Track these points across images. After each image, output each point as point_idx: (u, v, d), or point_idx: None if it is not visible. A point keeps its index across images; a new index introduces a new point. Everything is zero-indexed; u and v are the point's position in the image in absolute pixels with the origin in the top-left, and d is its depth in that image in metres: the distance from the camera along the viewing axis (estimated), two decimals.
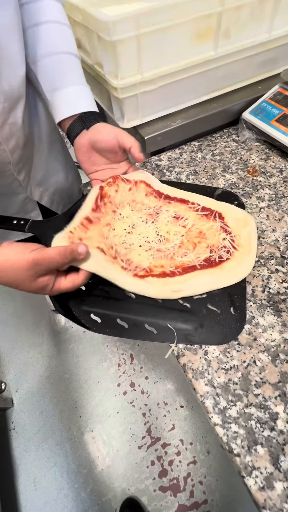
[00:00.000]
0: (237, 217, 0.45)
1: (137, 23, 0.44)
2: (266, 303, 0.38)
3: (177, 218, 0.44)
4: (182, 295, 0.37)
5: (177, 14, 0.46)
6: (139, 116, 0.57)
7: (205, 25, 0.50)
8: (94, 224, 0.44)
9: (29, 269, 0.32)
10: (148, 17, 0.44)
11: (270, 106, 0.59)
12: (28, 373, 1.19)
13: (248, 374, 0.32)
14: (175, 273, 0.38)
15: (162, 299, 0.38)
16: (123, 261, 0.39)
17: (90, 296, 0.40)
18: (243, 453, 0.28)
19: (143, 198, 0.47)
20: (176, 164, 0.58)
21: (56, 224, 0.48)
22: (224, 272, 0.38)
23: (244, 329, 0.36)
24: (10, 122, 0.43)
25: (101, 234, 0.43)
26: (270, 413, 0.30)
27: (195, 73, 0.56)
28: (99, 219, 0.45)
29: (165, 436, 1.01)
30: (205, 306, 0.38)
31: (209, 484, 0.93)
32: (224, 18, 0.50)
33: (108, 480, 0.96)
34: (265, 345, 0.34)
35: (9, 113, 0.42)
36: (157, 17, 0.45)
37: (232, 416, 0.30)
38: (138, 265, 0.39)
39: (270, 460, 0.27)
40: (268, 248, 0.44)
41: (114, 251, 0.40)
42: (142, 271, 0.39)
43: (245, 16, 0.53)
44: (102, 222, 0.44)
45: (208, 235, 0.42)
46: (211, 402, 0.31)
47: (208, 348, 0.35)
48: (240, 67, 0.60)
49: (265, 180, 0.53)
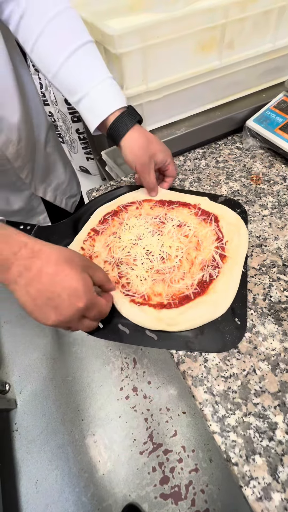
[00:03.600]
0: (230, 222, 0.46)
1: (142, 36, 0.45)
2: (267, 311, 0.38)
3: (180, 226, 0.46)
4: (177, 329, 0.37)
5: (181, 27, 0.48)
6: (144, 125, 0.59)
7: (209, 37, 0.51)
8: (101, 235, 0.47)
9: (82, 260, 0.31)
10: (152, 30, 0.46)
11: (274, 114, 0.59)
12: (32, 375, 1.20)
13: (248, 382, 0.33)
14: (171, 305, 0.38)
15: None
16: (124, 286, 0.40)
17: None
18: (241, 463, 0.28)
19: (149, 211, 0.50)
20: (180, 171, 0.59)
21: (61, 230, 0.49)
22: (217, 296, 0.38)
23: (244, 337, 0.36)
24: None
25: (107, 246, 0.45)
26: (269, 422, 0.30)
27: (200, 83, 0.57)
28: (105, 229, 0.47)
29: (167, 442, 1.01)
30: None
31: (211, 493, 0.91)
32: (228, 29, 0.51)
33: (109, 485, 0.95)
34: (265, 354, 0.34)
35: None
36: (161, 30, 0.46)
37: (230, 424, 0.30)
38: (136, 291, 0.40)
39: (268, 470, 0.27)
40: (270, 256, 0.44)
41: (116, 273, 0.42)
42: (140, 298, 0.39)
43: (249, 27, 0.53)
44: (107, 231, 0.47)
45: (204, 246, 0.44)
46: (210, 410, 0.31)
47: (208, 355, 0.35)
48: (245, 76, 0.61)
49: (269, 188, 0.54)
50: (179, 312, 0.37)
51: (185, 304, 0.38)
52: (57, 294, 0.28)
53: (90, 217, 0.50)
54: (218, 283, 0.39)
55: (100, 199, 0.53)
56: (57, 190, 0.65)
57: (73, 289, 0.28)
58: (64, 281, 0.28)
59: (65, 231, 0.49)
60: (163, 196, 0.51)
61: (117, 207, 0.50)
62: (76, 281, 0.28)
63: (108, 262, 0.43)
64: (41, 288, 0.27)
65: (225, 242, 0.43)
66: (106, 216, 0.49)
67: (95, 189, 0.58)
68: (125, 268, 0.42)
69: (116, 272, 0.42)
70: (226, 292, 0.39)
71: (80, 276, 0.29)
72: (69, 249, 0.32)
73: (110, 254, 0.44)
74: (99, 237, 0.47)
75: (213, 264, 0.41)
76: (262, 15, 0.53)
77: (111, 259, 0.43)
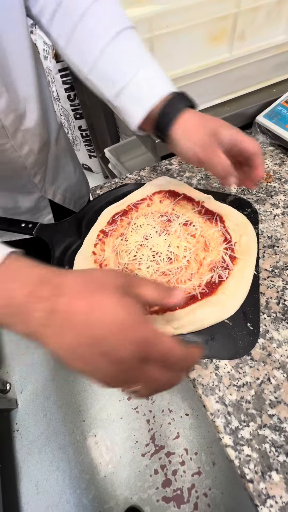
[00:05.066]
0: (236, 222, 0.44)
1: (150, 25, 0.43)
2: (281, 316, 0.36)
3: (186, 224, 0.44)
4: (185, 331, 0.35)
5: (191, 17, 0.45)
6: None
7: (220, 27, 0.49)
8: (109, 237, 0.45)
9: (119, 278, 0.23)
10: (161, 19, 0.44)
11: (286, 109, 0.57)
12: (33, 375, 1.19)
13: (262, 392, 0.31)
14: (177, 307, 0.36)
15: None
16: None
17: None
18: (256, 479, 0.26)
19: (159, 206, 0.48)
20: (187, 169, 0.57)
21: (64, 228, 0.48)
22: (226, 298, 0.36)
23: (257, 343, 0.34)
24: (23, 129, 0.43)
25: (114, 250, 0.43)
26: (286, 436, 0.28)
27: (209, 76, 0.54)
28: (114, 230, 0.46)
29: (170, 444, 0.99)
30: None
31: (214, 497, 0.90)
32: (240, 20, 0.49)
33: (111, 487, 0.94)
34: (280, 362, 0.32)
35: (21, 121, 0.42)
36: (170, 19, 0.44)
37: (244, 437, 0.28)
38: None
39: (286, 488, 0.26)
40: (283, 257, 0.42)
41: None
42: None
43: (262, 18, 0.51)
44: (116, 233, 0.45)
45: (212, 246, 0.42)
46: (222, 421, 0.29)
47: (219, 362, 0.33)
48: (255, 69, 0.59)
49: (280, 186, 0.51)
50: (185, 312, 0.36)
51: (191, 305, 0.36)
52: (101, 337, 0.20)
53: (94, 215, 0.49)
54: (227, 285, 0.38)
55: (105, 196, 0.52)
56: (66, 192, 0.63)
57: (119, 323, 0.20)
58: (104, 316, 0.21)
59: (68, 229, 0.47)
60: (171, 186, 0.50)
61: (127, 206, 0.48)
62: (118, 311, 0.21)
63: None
64: (78, 333, 0.20)
65: (234, 243, 0.42)
66: (115, 217, 0.47)
67: (99, 187, 0.56)
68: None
69: None
70: (235, 293, 0.37)
71: (122, 303, 0.21)
72: (96, 269, 0.25)
73: (117, 261, 0.42)
74: (108, 240, 0.45)
75: (222, 266, 0.39)
76: (275, 5, 0.51)
77: (118, 266, 0.42)
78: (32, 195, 0.56)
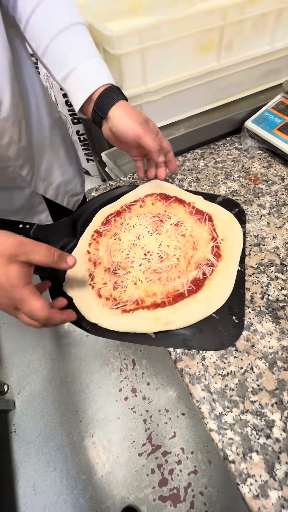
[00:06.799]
0: (224, 220, 0.46)
1: (141, 37, 0.46)
2: (264, 310, 0.38)
3: (177, 225, 0.46)
4: (174, 327, 0.37)
5: (180, 28, 0.48)
6: None
7: (207, 38, 0.52)
8: (103, 237, 0.47)
9: (8, 248, 0.29)
10: (151, 31, 0.46)
11: (273, 115, 0.60)
12: (30, 376, 1.20)
13: (245, 380, 0.33)
14: (165, 303, 0.38)
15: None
16: (115, 299, 0.40)
17: None
18: (238, 460, 0.28)
19: (151, 207, 0.50)
20: (179, 172, 0.59)
21: (60, 229, 0.50)
22: (212, 294, 0.38)
23: (242, 335, 0.36)
24: (0, 118, 0.43)
25: (108, 249, 0.45)
26: (266, 420, 0.30)
27: (198, 84, 0.57)
28: (108, 230, 0.48)
29: (166, 444, 1.00)
30: None
31: (210, 495, 0.91)
32: (227, 31, 0.52)
33: (108, 487, 0.95)
34: (262, 352, 0.34)
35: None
36: (160, 31, 0.47)
37: (228, 422, 0.30)
38: (129, 298, 0.39)
39: (265, 468, 0.27)
40: (268, 255, 0.44)
41: (112, 285, 0.41)
42: (133, 304, 0.39)
43: (248, 29, 0.54)
44: (109, 233, 0.47)
45: (200, 245, 0.44)
46: (207, 407, 0.31)
47: (206, 353, 0.35)
48: (243, 77, 0.61)
49: (267, 188, 0.54)
50: (174, 309, 0.37)
51: (179, 302, 0.38)
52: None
53: (89, 216, 0.51)
54: (212, 281, 0.39)
55: (100, 198, 0.54)
56: (59, 189, 0.65)
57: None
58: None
59: (64, 230, 0.49)
60: (163, 189, 0.52)
61: (121, 207, 0.50)
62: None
63: (108, 271, 0.43)
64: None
65: (220, 241, 0.44)
66: (109, 217, 0.49)
67: (95, 189, 0.58)
68: (122, 273, 0.42)
69: (111, 285, 0.42)
70: (220, 289, 0.39)
71: (3, 271, 0.29)
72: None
73: (110, 259, 0.44)
74: (102, 239, 0.47)
75: (207, 263, 0.41)
76: (260, 17, 0.54)
77: (111, 265, 0.43)
78: (24, 190, 0.57)
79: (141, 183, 0.56)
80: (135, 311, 0.38)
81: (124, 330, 0.37)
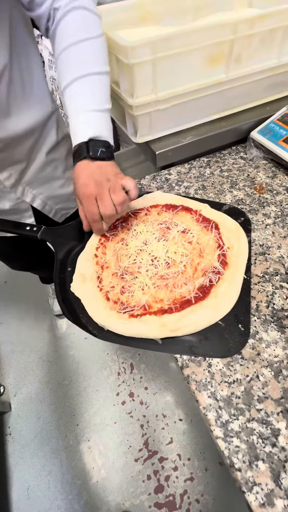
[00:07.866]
0: (230, 229, 0.47)
1: (154, 48, 0.47)
2: (270, 318, 0.39)
3: (185, 232, 0.47)
4: (181, 334, 0.37)
5: (192, 41, 0.49)
6: (152, 132, 0.60)
7: (217, 51, 0.53)
8: (111, 241, 0.48)
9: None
10: (164, 43, 0.47)
11: (278, 126, 0.61)
12: (27, 378, 1.19)
13: (251, 388, 0.33)
14: (172, 310, 0.38)
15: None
16: (123, 304, 0.40)
17: None
18: (244, 468, 0.28)
19: (157, 217, 0.51)
20: (185, 179, 0.60)
21: (67, 232, 0.50)
22: (218, 301, 0.39)
23: (247, 343, 0.36)
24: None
25: (115, 254, 0.46)
26: (272, 429, 0.30)
27: (207, 94, 0.58)
28: (115, 235, 0.48)
29: (163, 449, 0.99)
30: None
31: (206, 503, 0.90)
32: (236, 45, 0.53)
33: (103, 493, 0.94)
34: (268, 361, 0.35)
35: None
36: (173, 43, 0.48)
37: (234, 430, 0.30)
38: (137, 303, 0.40)
39: (271, 476, 0.27)
40: (273, 264, 0.45)
41: (120, 289, 0.42)
42: (140, 310, 0.39)
43: (256, 43, 0.55)
44: (117, 238, 0.48)
45: (206, 253, 0.44)
46: (214, 415, 0.31)
47: (212, 360, 0.35)
48: (250, 89, 0.63)
49: (272, 198, 0.55)
50: (181, 315, 0.38)
51: (186, 308, 0.38)
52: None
53: None
54: (218, 288, 0.40)
55: None
56: (48, 200, 0.65)
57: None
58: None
59: (71, 233, 0.50)
60: (169, 200, 0.52)
61: (126, 213, 0.51)
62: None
63: (115, 275, 0.44)
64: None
65: (226, 249, 0.44)
66: (116, 222, 0.50)
67: None
68: (129, 278, 0.43)
69: (119, 288, 0.42)
70: (227, 296, 0.39)
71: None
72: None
73: (117, 264, 0.45)
74: (109, 244, 0.48)
75: (214, 270, 0.42)
76: (268, 33, 0.55)
77: (118, 269, 0.44)
78: (9, 194, 0.58)
79: (147, 189, 0.57)
80: (142, 316, 0.38)
81: (131, 335, 0.38)
